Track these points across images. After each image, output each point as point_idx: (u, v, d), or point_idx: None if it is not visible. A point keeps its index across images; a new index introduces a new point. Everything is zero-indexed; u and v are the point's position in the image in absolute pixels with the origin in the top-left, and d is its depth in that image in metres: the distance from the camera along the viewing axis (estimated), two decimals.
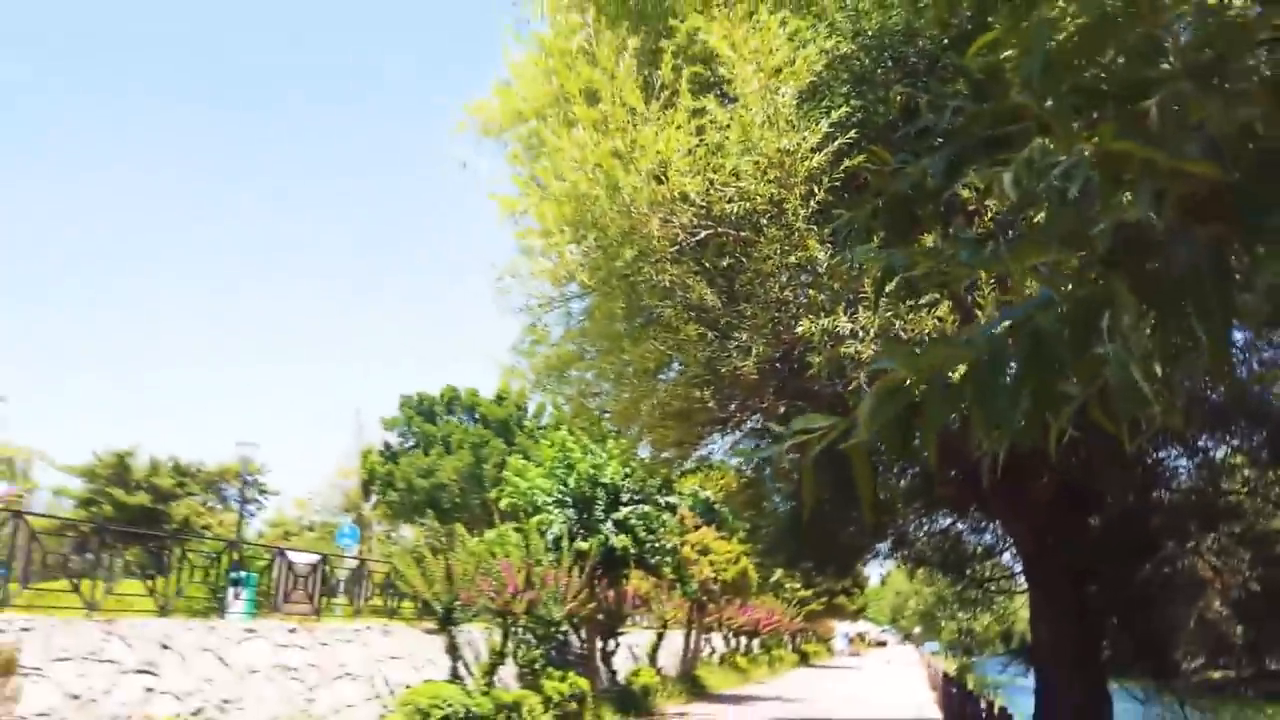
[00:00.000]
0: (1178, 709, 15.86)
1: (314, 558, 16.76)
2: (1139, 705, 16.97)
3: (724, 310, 7.81)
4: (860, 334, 6.45)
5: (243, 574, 16.40)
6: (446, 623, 16.05)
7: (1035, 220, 4.17)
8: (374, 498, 46.80)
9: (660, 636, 29.38)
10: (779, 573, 37.69)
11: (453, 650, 16.25)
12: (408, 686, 15.32)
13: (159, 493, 42.93)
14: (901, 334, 6.50)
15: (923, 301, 6.92)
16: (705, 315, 7.97)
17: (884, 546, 20.96)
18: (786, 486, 18.57)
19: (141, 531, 24.18)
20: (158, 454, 44.81)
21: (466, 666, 17.80)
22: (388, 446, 46.65)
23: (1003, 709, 13.58)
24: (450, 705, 14.51)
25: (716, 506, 28.76)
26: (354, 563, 20.21)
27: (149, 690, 10.74)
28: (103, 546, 13.88)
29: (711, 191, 7.45)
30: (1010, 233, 5.43)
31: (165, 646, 11.18)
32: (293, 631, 13.77)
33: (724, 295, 7.87)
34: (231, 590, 15.22)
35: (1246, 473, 14.31)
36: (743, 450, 12.83)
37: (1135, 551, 15.62)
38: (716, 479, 25.19)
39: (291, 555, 16.45)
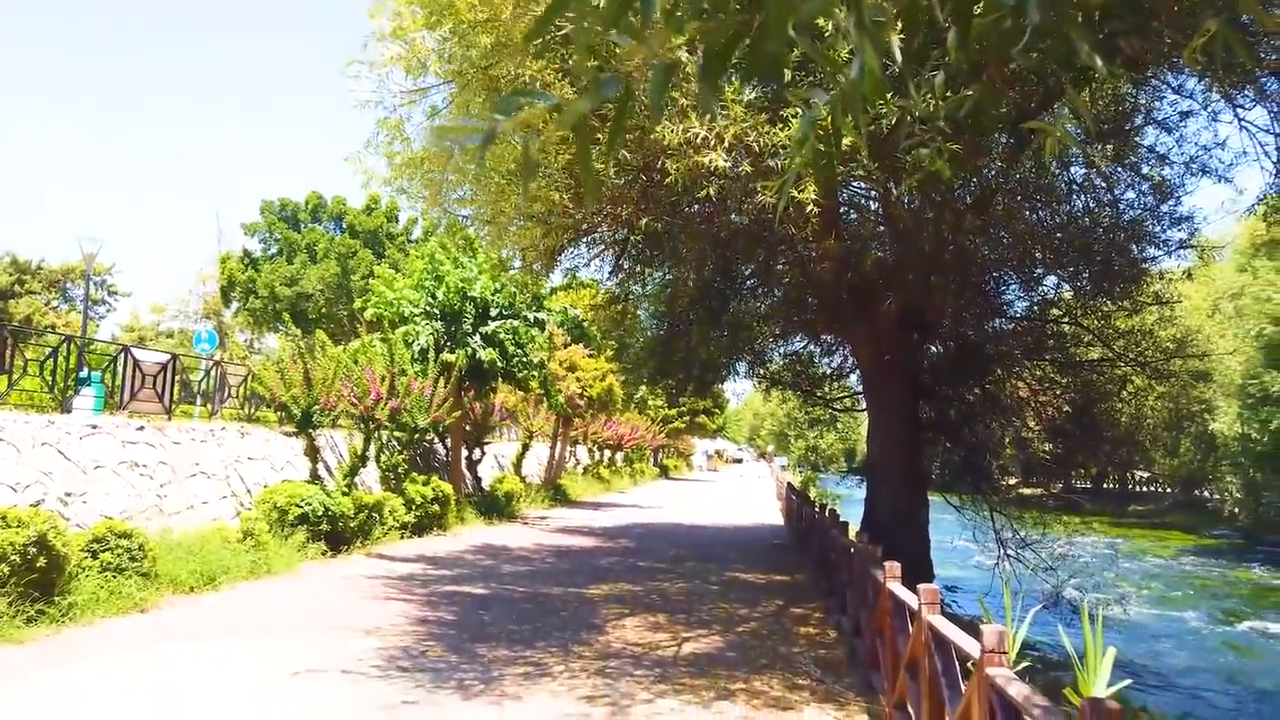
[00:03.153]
0: (987, 515, 17.54)
1: (163, 356, 16.22)
2: (956, 513, 18.70)
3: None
4: (714, 142, 6.45)
5: (88, 373, 15.78)
6: (305, 426, 16.01)
7: None
8: (235, 305, 45.11)
9: (526, 448, 30.26)
10: (643, 390, 38.91)
11: (312, 452, 16.30)
12: (266, 486, 15.40)
13: None
14: (755, 145, 6.56)
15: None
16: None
17: (742, 366, 21.92)
18: (654, 304, 18.96)
19: None
20: None
21: (328, 469, 17.96)
22: (248, 253, 44.60)
23: (832, 510, 14.78)
24: (309, 504, 14.70)
25: (585, 324, 29.14)
26: (210, 367, 19.68)
27: None
28: None
29: None
30: None
31: None
32: (141, 429, 13.46)
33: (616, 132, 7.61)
34: (79, 390, 14.67)
35: (1069, 300, 15.40)
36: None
37: (967, 376, 16.87)
38: (585, 296, 25.41)
39: (139, 353, 15.85)
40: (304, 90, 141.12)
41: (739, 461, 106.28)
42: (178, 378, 17.13)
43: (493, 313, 23.35)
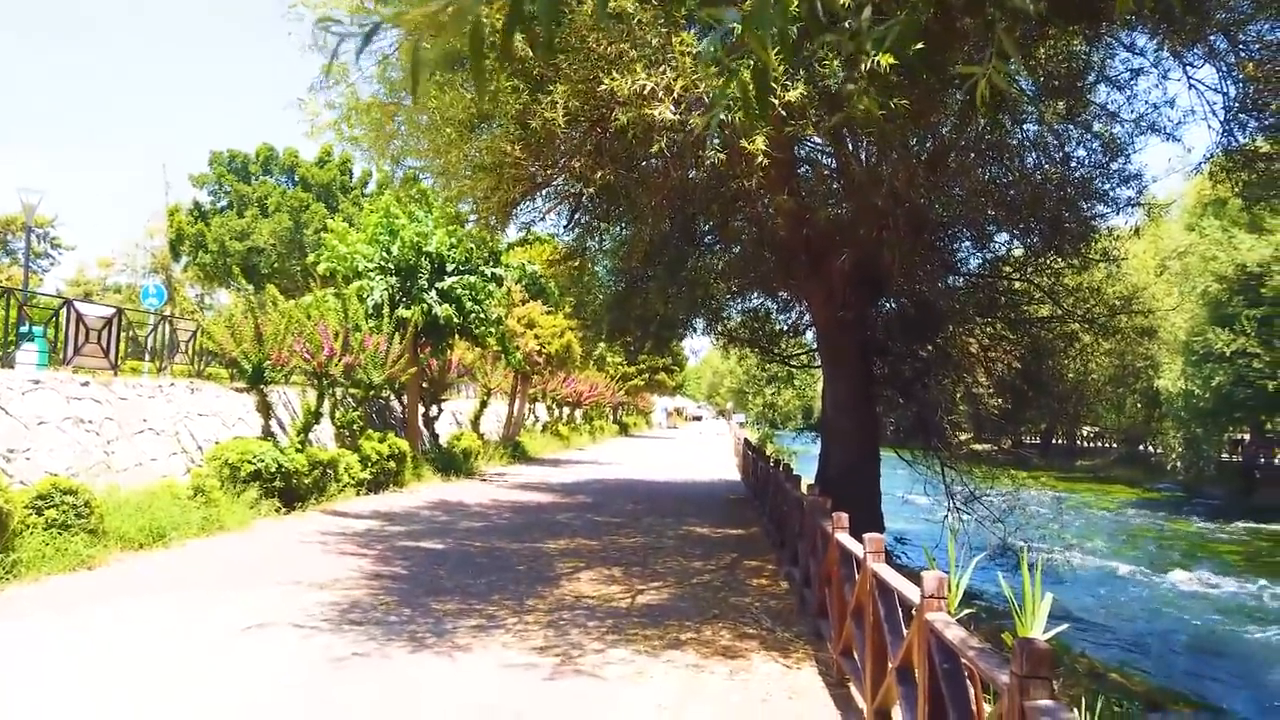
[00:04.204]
0: (939, 469, 17.86)
1: (108, 310, 15.83)
2: (909, 468, 19.02)
3: (537, 60, 7.48)
4: (663, 95, 6.37)
5: (29, 327, 15.36)
6: (257, 382, 15.77)
7: None
8: (184, 259, 44.09)
9: (484, 405, 30.16)
10: (602, 347, 38.91)
11: (265, 409, 16.09)
12: (217, 443, 15.19)
13: None
14: (705, 98, 6.48)
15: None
16: (518, 64, 7.61)
17: (700, 323, 21.96)
18: (612, 260, 18.87)
19: None
20: None
21: (281, 425, 17.76)
22: (197, 206, 43.49)
23: (786, 465, 14.96)
24: (262, 460, 14.54)
25: (543, 281, 28.93)
26: (158, 321, 19.26)
27: None
28: None
29: None
30: None
31: None
32: (85, 385, 13.17)
33: (539, 45, 7.49)
34: (21, 345, 14.28)
35: (1020, 257, 15.59)
36: None
37: (920, 333, 17.06)
38: (543, 252, 25.20)
39: (82, 307, 15.46)
40: (255, 39, 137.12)
41: (698, 419, 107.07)
42: (125, 333, 16.76)
43: (449, 268, 23.09)
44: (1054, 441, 56.62)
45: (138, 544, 11.17)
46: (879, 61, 6.25)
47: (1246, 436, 40.44)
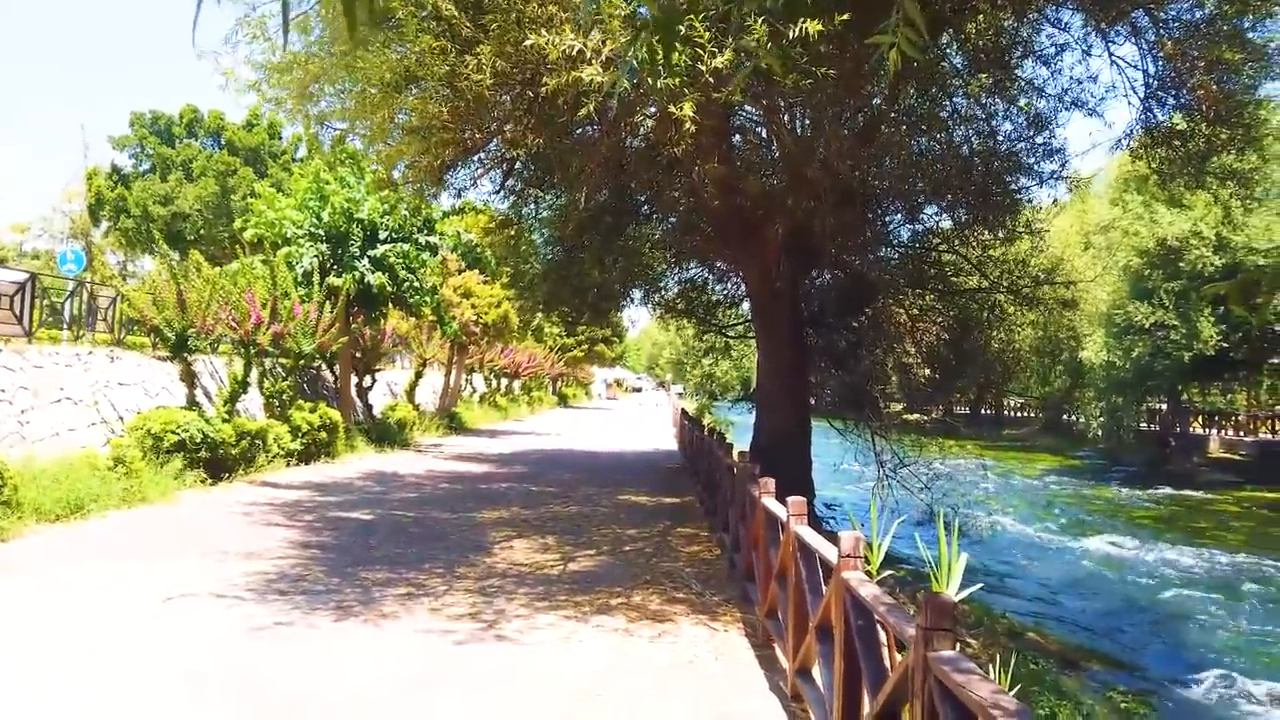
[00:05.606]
0: (870, 438, 18.22)
1: (20, 275, 15.24)
2: (840, 437, 19.37)
3: (465, 20, 7.32)
4: (591, 57, 6.29)
5: None
6: (180, 350, 15.33)
7: None
8: (104, 225, 42.50)
9: (419, 375, 29.81)
10: (540, 318, 38.67)
11: (189, 377, 15.66)
12: (139, 413, 14.76)
13: None
14: (633, 60, 6.40)
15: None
16: (445, 24, 7.44)
17: (637, 293, 21.96)
18: (548, 229, 18.71)
19: None
20: None
21: (207, 395, 17.34)
22: (117, 169, 41.86)
23: (719, 433, 15.11)
24: (186, 430, 14.19)
25: (479, 250, 28.61)
26: (75, 288, 18.55)
27: None
28: None
29: None
30: None
31: None
32: None
33: (466, 6, 7.35)
34: None
35: (949, 229, 15.87)
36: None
37: (853, 304, 17.32)
38: (479, 221, 24.88)
39: None
40: None
41: (638, 390, 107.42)
42: (40, 300, 16.14)
43: (381, 236, 22.69)
44: (982, 412, 58.14)
45: (54, 516, 10.84)
46: (806, 29, 6.28)
47: (1163, 406, 42.01)
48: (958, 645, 3.24)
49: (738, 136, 13.70)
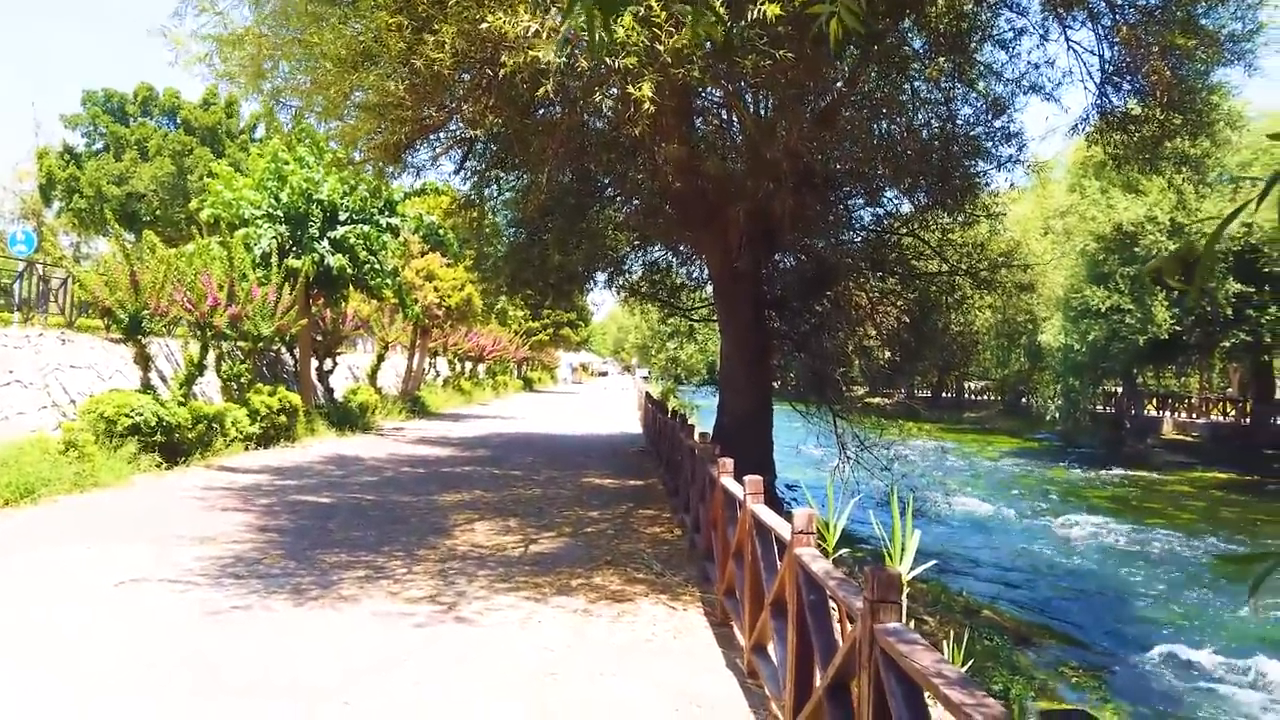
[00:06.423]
0: (831, 421, 18.36)
1: None
2: (803, 420, 19.52)
3: None
4: (547, 36, 6.23)
5: None
6: (134, 332, 15.03)
7: None
8: (56, 205, 41.50)
9: (381, 358, 29.55)
10: (505, 301, 38.47)
11: (143, 360, 15.36)
12: (92, 396, 14.48)
13: None
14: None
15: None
16: (402, 1, 7.32)
17: (601, 276, 21.88)
18: (511, 210, 18.58)
19: None
20: None
21: (163, 378, 17.05)
22: (69, 148, 40.84)
23: (681, 415, 15.16)
24: (140, 414, 13.94)
25: (442, 233, 28.34)
26: (25, 269, 18.12)
27: None
28: None
29: None
30: None
31: None
32: None
33: None
34: None
35: (909, 213, 16.00)
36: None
37: (815, 287, 17.40)
38: (441, 202, 24.63)
39: None
40: None
41: (604, 374, 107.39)
42: None
43: (342, 217, 22.40)
44: (943, 395, 58.87)
45: (3, 501, 10.62)
46: (765, 11, 6.26)
47: (1119, 389, 42.83)
48: (905, 618, 3.30)
49: (699, 118, 13.67)
